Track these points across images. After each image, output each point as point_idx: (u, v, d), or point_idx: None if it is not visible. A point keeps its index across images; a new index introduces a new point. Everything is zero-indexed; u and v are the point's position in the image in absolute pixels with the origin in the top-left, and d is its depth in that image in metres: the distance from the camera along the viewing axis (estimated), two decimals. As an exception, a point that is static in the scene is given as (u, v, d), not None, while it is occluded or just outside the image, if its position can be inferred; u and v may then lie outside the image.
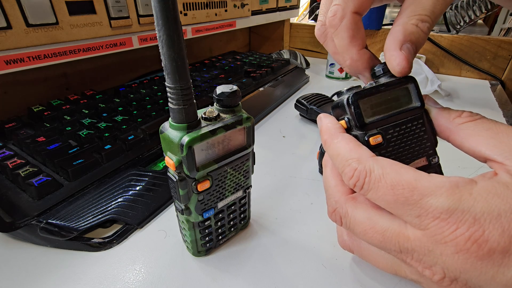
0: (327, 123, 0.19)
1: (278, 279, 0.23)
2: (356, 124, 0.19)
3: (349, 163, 0.17)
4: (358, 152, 0.17)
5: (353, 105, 0.19)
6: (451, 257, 0.14)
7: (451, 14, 0.73)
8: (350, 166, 0.17)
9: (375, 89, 0.19)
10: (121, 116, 0.39)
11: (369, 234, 0.17)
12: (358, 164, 0.16)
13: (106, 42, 0.40)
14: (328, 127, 0.19)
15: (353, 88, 0.20)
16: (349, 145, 0.17)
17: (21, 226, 0.25)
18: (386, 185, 0.15)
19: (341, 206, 0.18)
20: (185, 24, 0.51)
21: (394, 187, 0.15)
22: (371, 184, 0.16)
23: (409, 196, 0.15)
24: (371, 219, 0.17)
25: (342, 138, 0.18)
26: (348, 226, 0.18)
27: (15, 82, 0.44)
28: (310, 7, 0.96)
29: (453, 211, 0.14)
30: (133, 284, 0.23)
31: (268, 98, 0.55)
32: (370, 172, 0.16)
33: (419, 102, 0.19)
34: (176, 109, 0.18)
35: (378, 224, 0.16)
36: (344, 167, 0.17)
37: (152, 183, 0.31)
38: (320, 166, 0.35)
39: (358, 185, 0.16)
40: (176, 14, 0.15)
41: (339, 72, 0.70)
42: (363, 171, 0.16)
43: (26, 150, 0.33)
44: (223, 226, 0.25)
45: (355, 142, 0.18)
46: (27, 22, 0.32)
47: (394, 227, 0.16)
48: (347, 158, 0.17)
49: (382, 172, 0.16)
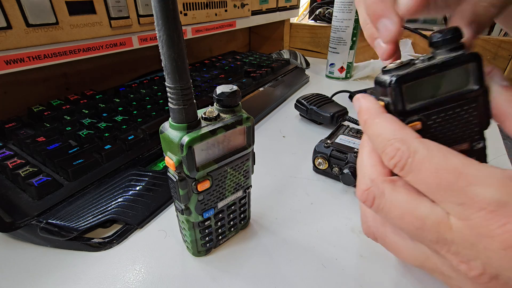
0: (367, 102, 0.18)
1: (278, 279, 0.23)
2: (395, 110, 0.17)
3: (392, 143, 0.16)
4: (402, 133, 0.16)
5: (394, 91, 0.17)
6: (497, 253, 0.13)
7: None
8: (393, 146, 0.16)
9: (425, 71, 0.16)
10: (121, 116, 0.39)
11: (406, 219, 0.15)
12: (401, 144, 0.15)
13: (106, 42, 0.40)
14: (368, 106, 0.18)
15: (402, 65, 0.17)
16: (393, 125, 0.16)
17: (21, 226, 0.25)
18: (430, 168, 0.14)
19: (377, 186, 0.17)
20: (185, 24, 0.51)
21: (438, 170, 0.14)
22: (414, 165, 0.15)
23: (454, 181, 0.14)
24: (410, 203, 0.15)
25: (385, 118, 0.17)
26: (382, 208, 0.16)
27: (15, 82, 0.44)
28: (310, 7, 0.96)
29: (504, 204, 0.13)
30: (133, 284, 0.23)
31: (268, 98, 0.55)
32: (414, 153, 0.15)
33: (477, 85, 0.16)
34: (176, 109, 0.18)
35: (418, 210, 0.15)
36: (385, 147, 0.16)
37: (152, 183, 0.31)
38: (314, 164, 0.35)
39: (399, 165, 0.15)
40: (176, 14, 0.15)
41: (339, 72, 0.70)
42: (406, 152, 0.15)
43: (26, 150, 0.33)
44: (223, 226, 0.25)
45: (399, 123, 0.16)
46: (27, 22, 0.32)
47: (435, 215, 0.15)
48: (390, 138, 0.16)
49: (427, 154, 0.15)
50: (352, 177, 0.32)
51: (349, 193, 0.33)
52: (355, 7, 0.63)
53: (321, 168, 0.35)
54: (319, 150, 0.35)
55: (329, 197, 0.32)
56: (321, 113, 0.46)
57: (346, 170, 0.32)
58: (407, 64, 0.17)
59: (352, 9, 0.63)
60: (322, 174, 0.36)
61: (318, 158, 0.35)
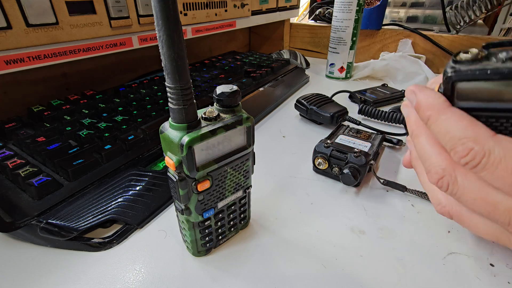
0: (428, 97, 0.17)
1: (278, 279, 0.23)
2: None
3: (463, 142, 0.15)
4: (475, 130, 0.15)
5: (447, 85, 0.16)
6: None
7: (451, 14, 0.73)
8: (465, 145, 0.15)
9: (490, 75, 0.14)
10: (121, 116, 0.39)
11: (479, 204, 0.16)
12: (475, 144, 0.15)
13: (106, 42, 0.40)
14: (430, 102, 0.17)
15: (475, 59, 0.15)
16: (463, 122, 0.15)
17: (21, 226, 0.25)
18: (506, 169, 0.14)
19: (450, 174, 0.16)
20: (185, 24, 0.51)
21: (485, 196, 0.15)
22: (488, 165, 0.14)
23: None
24: (483, 189, 0.15)
25: (453, 114, 0.16)
26: (455, 193, 0.17)
27: (15, 82, 0.44)
28: (310, 7, 0.96)
29: None
30: (133, 284, 0.23)
31: (268, 98, 0.55)
32: (489, 153, 0.14)
33: None
34: (176, 109, 0.18)
35: (490, 196, 0.15)
36: (455, 145, 0.15)
37: (152, 183, 0.31)
38: (314, 164, 0.35)
39: (471, 164, 0.15)
40: (176, 14, 0.15)
41: (339, 72, 0.70)
42: (480, 151, 0.15)
43: (26, 150, 0.33)
44: (223, 226, 0.25)
45: (470, 119, 0.15)
46: (27, 22, 0.32)
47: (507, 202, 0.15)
48: (461, 136, 0.15)
49: (504, 154, 0.14)
50: (352, 177, 0.32)
51: (349, 193, 0.33)
52: (355, 7, 0.63)
53: (321, 168, 0.35)
54: (319, 150, 0.35)
55: (329, 197, 0.32)
56: (321, 113, 0.46)
57: (346, 170, 0.32)
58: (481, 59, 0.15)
59: (352, 9, 0.63)
60: (322, 174, 0.36)
61: (318, 158, 0.35)
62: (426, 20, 0.84)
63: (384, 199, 0.32)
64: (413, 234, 0.28)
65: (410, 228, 0.28)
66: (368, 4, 0.76)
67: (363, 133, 0.39)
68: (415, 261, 0.25)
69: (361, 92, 0.57)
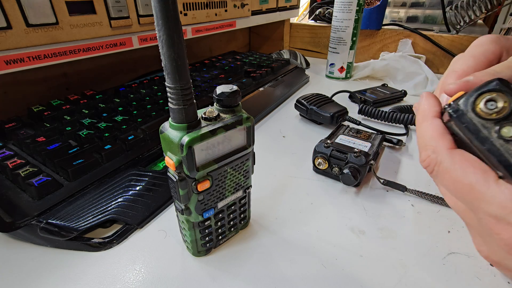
0: (425, 104, 0.19)
1: (278, 279, 0.23)
2: None
3: (426, 148, 0.18)
4: (437, 142, 0.18)
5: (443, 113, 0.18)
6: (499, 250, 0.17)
7: (451, 14, 0.73)
8: (426, 152, 0.18)
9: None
10: (121, 116, 0.39)
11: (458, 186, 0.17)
12: (432, 152, 0.18)
13: (106, 42, 0.40)
14: (425, 108, 0.19)
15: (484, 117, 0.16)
16: (434, 133, 0.18)
17: (21, 226, 0.25)
18: (450, 179, 0.17)
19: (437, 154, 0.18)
20: (185, 24, 0.51)
21: (455, 182, 0.17)
22: (439, 173, 0.18)
23: (466, 194, 0.17)
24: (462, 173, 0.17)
25: (430, 124, 0.18)
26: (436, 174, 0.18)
27: (15, 82, 0.44)
28: (310, 7, 0.96)
29: (499, 219, 0.15)
30: (133, 284, 0.23)
31: (268, 98, 0.55)
32: (440, 163, 0.17)
33: None
34: (176, 109, 0.18)
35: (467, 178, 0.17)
36: (421, 150, 0.19)
37: (152, 183, 0.31)
38: (314, 164, 0.35)
39: (428, 169, 0.18)
40: (176, 14, 0.15)
41: (339, 72, 0.70)
42: (434, 160, 0.18)
43: (26, 150, 0.33)
44: (223, 226, 0.25)
45: (439, 131, 0.18)
46: (27, 22, 0.32)
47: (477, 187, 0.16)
48: (426, 144, 0.18)
49: (451, 167, 0.17)
50: (352, 177, 0.32)
51: (349, 193, 0.33)
52: (355, 7, 0.63)
53: (321, 168, 0.35)
54: (319, 150, 0.35)
55: (329, 197, 0.32)
56: (321, 113, 0.46)
57: (346, 170, 0.32)
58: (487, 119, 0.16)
59: (352, 9, 0.63)
60: (322, 174, 0.36)
61: (318, 158, 0.35)
62: (426, 20, 0.84)
63: (384, 199, 0.32)
64: (413, 234, 0.28)
65: (410, 228, 0.28)
66: (368, 4, 0.76)
67: (363, 133, 0.39)
68: (415, 261, 0.25)
69: (361, 92, 0.57)
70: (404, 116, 0.45)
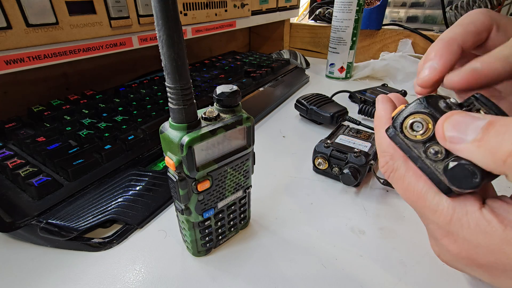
0: (380, 110, 0.20)
1: (278, 279, 0.23)
2: None
3: (384, 155, 0.19)
4: (394, 149, 0.18)
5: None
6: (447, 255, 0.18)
7: (451, 14, 0.73)
8: (384, 158, 0.19)
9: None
10: (121, 116, 0.39)
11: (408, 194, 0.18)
12: (390, 159, 0.19)
13: (106, 42, 0.40)
14: (381, 115, 0.20)
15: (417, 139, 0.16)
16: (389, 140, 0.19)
17: (21, 226, 0.25)
18: (402, 185, 0.18)
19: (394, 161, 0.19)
20: (185, 24, 0.51)
21: (407, 190, 0.18)
22: (394, 179, 0.19)
23: (415, 201, 0.18)
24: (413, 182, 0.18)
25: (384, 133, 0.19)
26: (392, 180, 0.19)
27: (15, 82, 0.44)
28: (310, 7, 0.96)
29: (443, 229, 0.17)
30: (133, 284, 0.23)
31: (268, 98, 0.55)
32: (396, 170, 0.18)
33: None
34: (176, 109, 0.18)
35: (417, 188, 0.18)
36: (380, 156, 0.20)
37: (152, 183, 0.31)
38: (314, 164, 0.35)
39: (385, 175, 0.19)
40: (176, 14, 0.15)
41: (339, 72, 0.70)
42: (391, 167, 0.19)
43: (26, 150, 0.33)
44: (223, 226, 0.25)
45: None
46: (27, 22, 0.32)
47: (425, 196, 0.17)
48: (384, 150, 0.19)
49: (405, 174, 0.18)
50: (352, 177, 0.32)
51: (349, 193, 0.33)
52: (355, 7, 0.63)
53: (321, 168, 0.35)
54: (319, 150, 0.35)
55: (329, 197, 0.32)
56: (321, 113, 0.46)
57: (346, 170, 0.32)
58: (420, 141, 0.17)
59: (352, 9, 0.63)
60: (322, 174, 0.36)
61: (318, 158, 0.35)
62: (426, 20, 0.84)
63: (384, 199, 0.32)
64: (413, 234, 0.28)
65: (410, 228, 0.28)
66: (368, 4, 0.76)
67: (363, 133, 0.39)
68: (415, 261, 0.25)
69: (361, 92, 0.57)
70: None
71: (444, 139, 0.15)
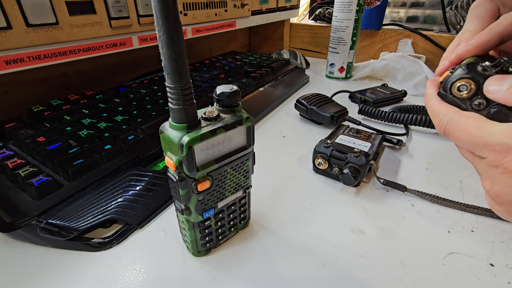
0: (428, 89, 0.23)
1: (278, 279, 0.23)
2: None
3: (439, 115, 0.21)
4: (446, 108, 0.21)
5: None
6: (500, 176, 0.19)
7: (451, 14, 0.73)
8: (439, 117, 0.21)
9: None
10: (121, 116, 0.39)
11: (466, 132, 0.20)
12: (444, 115, 0.21)
13: (106, 42, 0.40)
14: (428, 92, 0.23)
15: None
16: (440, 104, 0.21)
17: (21, 226, 0.25)
18: (460, 128, 0.20)
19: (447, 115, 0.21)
20: (185, 24, 0.51)
21: (463, 130, 0.20)
22: (451, 128, 0.20)
23: (474, 136, 0.19)
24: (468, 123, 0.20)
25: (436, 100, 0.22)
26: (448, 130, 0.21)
27: (15, 82, 0.44)
28: (310, 7, 0.96)
29: (503, 146, 0.18)
30: (133, 284, 0.23)
31: (268, 98, 0.55)
32: (450, 120, 0.20)
33: None
34: (176, 109, 0.18)
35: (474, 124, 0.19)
36: (434, 118, 0.22)
37: (152, 183, 0.31)
38: (314, 164, 0.35)
39: (441, 131, 0.21)
40: (176, 14, 0.15)
41: (339, 72, 0.70)
42: (445, 120, 0.21)
43: (26, 150, 0.33)
44: (223, 226, 0.25)
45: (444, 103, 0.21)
46: (27, 22, 0.32)
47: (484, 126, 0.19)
48: (438, 112, 0.21)
49: (460, 119, 0.20)
50: (352, 177, 0.32)
51: (349, 193, 0.33)
52: (355, 7, 0.63)
53: (321, 168, 0.35)
54: (319, 150, 0.35)
55: (329, 197, 0.32)
56: (321, 113, 0.46)
57: (346, 170, 0.32)
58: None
59: (352, 9, 0.63)
60: (322, 174, 0.36)
61: (318, 158, 0.35)
62: (426, 20, 0.84)
63: (384, 199, 0.32)
64: (413, 234, 0.28)
65: (410, 228, 0.28)
66: (368, 4, 0.76)
67: (363, 133, 0.39)
68: (415, 261, 0.25)
69: (361, 92, 0.57)
70: (404, 116, 0.45)
71: (488, 92, 0.19)
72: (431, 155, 0.40)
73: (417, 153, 0.40)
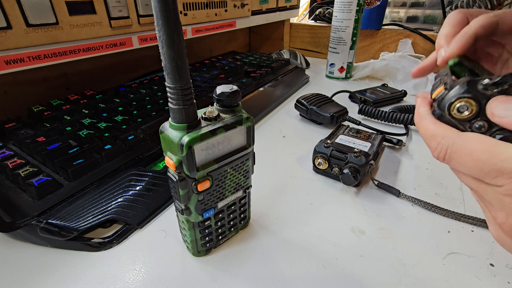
0: (419, 107, 0.21)
1: (278, 279, 0.23)
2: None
3: (435, 137, 0.19)
4: (444, 130, 0.19)
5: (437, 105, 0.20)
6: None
7: (451, 14, 0.72)
8: (435, 140, 0.19)
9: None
10: (121, 116, 0.39)
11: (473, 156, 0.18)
12: (442, 138, 0.19)
13: (106, 42, 0.40)
14: (419, 111, 0.21)
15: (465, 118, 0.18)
16: (436, 125, 0.20)
17: (21, 226, 0.25)
18: (465, 152, 0.18)
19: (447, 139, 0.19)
20: (185, 24, 0.51)
21: (473, 153, 0.17)
22: (452, 153, 0.18)
23: (486, 161, 0.17)
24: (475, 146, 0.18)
25: (431, 119, 0.20)
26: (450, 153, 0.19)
27: (15, 82, 0.44)
28: (310, 7, 0.96)
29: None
30: (133, 284, 0.23)
31: (268, 98, 0.55)
32: (452, 145, 0.18)
33: None
34: (176, 109, 0.18)
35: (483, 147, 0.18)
36: (430, 141, 0.20)
37: (152, 183, 0.31)
38: (314, 164, 0.35)
39: (441, 156, 0.19)
40: (176, 14, 0.15)
41: (339, 72, 0.70)
42: (445, 145, 0.19)
43: (26, 150, 0.33)
44: (223, 226, 0.25)
45: (441, 123, 0.20)
46: (27, 22, 0.32)
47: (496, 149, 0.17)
48: (434, 134, 0.19)
49: (464, 143, 0.18)
50: (352, 177, 0.32)
51: (349, 193, 0.33)
52: (355, 7, 0.63)
53: (321, 168, 0.35)
54: (319, 150, 0.35)
55: (329, 197, 0.32)
56: (321, 113, 0.46)
57: (346, 170, 0.32)
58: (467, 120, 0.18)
59: (352, 9, 0.63)
60: (322, 174, 0.36)
61: (318, 158, 0.35)
62: (426, 20, 0.84)
63: (384, 199, 0.32)
64: (413, 234, 0.28)
65: (410, 228, 0.28)
66: (368, 4, 0.76)
67: (363, 133, 0.39)
68: (415, 261, 0.25)
69: (361, 92, 0.57)
70: (404, 116, 0.45)
71: (493, 115, 0.17)
72: (431, 155, 0.40)
73: (417, 153, 0.40)
